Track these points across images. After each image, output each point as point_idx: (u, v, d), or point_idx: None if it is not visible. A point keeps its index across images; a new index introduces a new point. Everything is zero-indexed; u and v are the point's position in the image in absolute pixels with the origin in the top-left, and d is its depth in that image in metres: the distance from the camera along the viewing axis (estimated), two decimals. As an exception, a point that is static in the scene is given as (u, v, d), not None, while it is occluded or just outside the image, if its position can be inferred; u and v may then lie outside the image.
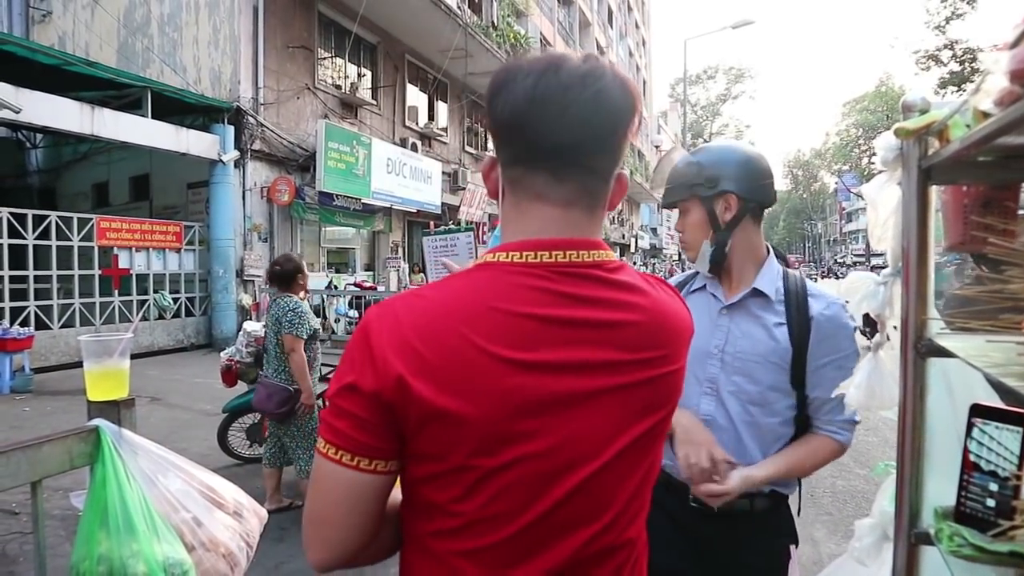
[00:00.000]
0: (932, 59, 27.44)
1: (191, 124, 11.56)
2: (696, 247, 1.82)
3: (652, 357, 0.96)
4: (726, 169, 1.76)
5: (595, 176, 0.95)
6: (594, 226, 0.97)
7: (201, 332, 12.40)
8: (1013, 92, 0.66)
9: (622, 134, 0.94)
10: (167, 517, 2.05)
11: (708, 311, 1.84)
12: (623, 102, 0.93)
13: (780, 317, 1.75)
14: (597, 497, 0.92)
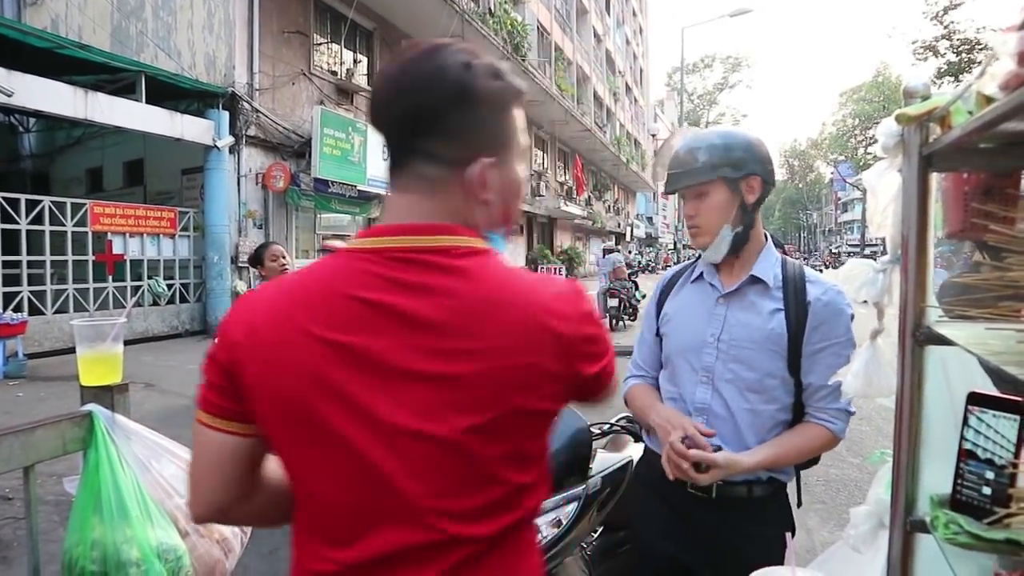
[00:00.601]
0: (929, 49, 27.41)
1: (185, 109, 11.48)
2: (712, 232, 1.77)
3: (463, 349, 0.89)
4: (751, 151, 1.75)
5: (433, 161, 0.95)
6: (440, 212, 0.96)
7: (195, 318, 12.37)
8: (1020, 75, 0.65)
9: (456, 118, 0.94)
10: (161, 503, 2.04)
11: (705, 300, 1.83)
12: (451, 81, 0.93)
13: (778, 303, 1.74)
14: (394, 489, 0.89)
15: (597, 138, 30.35)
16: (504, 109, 0.98)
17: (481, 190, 0.96)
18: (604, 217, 36.62)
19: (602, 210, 36.60)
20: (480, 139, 0.96)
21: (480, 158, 0.95)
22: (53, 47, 9.45)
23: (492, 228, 1.02)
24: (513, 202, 1.03)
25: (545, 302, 0.94)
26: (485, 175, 0.95)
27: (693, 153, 1.77)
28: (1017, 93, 0.67)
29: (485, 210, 0.98)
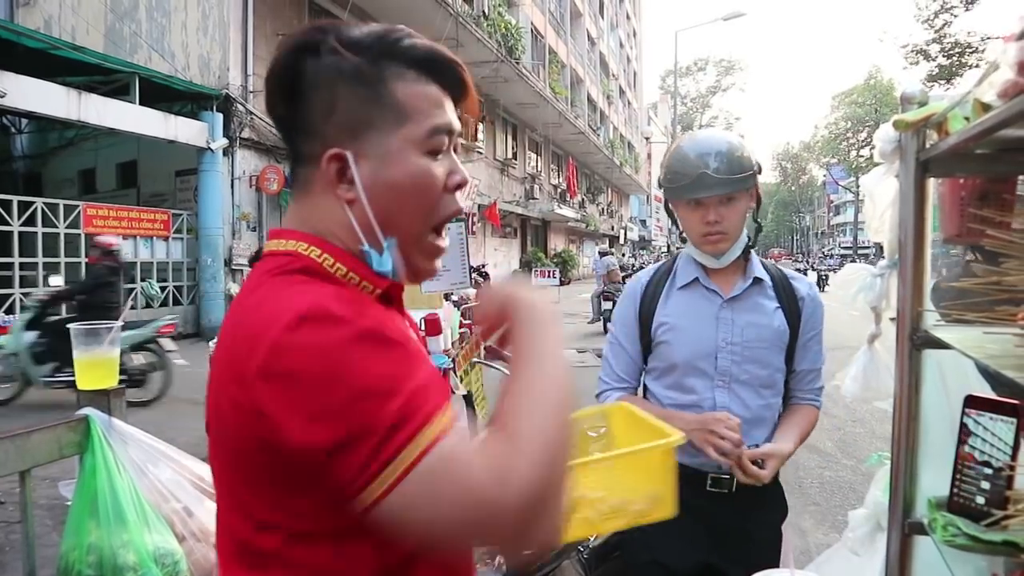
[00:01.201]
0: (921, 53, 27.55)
1: (179, 111, 11.47)
2: (735, 238, 1.81)
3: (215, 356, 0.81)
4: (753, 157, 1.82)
5: (297, 161, 0.86)
6: (301, 216, 0.86)
7: (189, 321, 12.32)
8: (1018, 84, 0.66)
9: (301, 107, 0.83)
10: (158, 507, 2.04)
11: (707, 306, 1.85)
12: (284, 68, 0.83)
13: (775, 301, 1.85)
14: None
15: (591, 141, 30.39)
16: (362, 87, 0.82)
17: (335, 187, 0.83)
18: (598, 220, 36.67)
19: (596, 213, 36.64)
20: (329, 127, 0.82)
21: (331, 149, 0.82)
22: (46, 48, 9.42)
23: (369, 238, 0.83)
24: (400, 204, 0.84)
25: (233, 318, 0.79)
26: (333, 169, 0.82)
27: (737, 158, 1.77)
28: (1016, 101, 0.68)
29: (355, 213, 0.83)
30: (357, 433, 0.67)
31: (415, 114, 0.83)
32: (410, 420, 0.68)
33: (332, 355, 0.69)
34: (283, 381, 0.69)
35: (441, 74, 0.86)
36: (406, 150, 0.83)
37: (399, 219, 0.84)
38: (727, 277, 1.86)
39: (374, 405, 0.68)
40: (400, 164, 0.82)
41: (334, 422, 0.67)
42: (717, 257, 1.83)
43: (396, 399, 0.68)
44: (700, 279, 1.87)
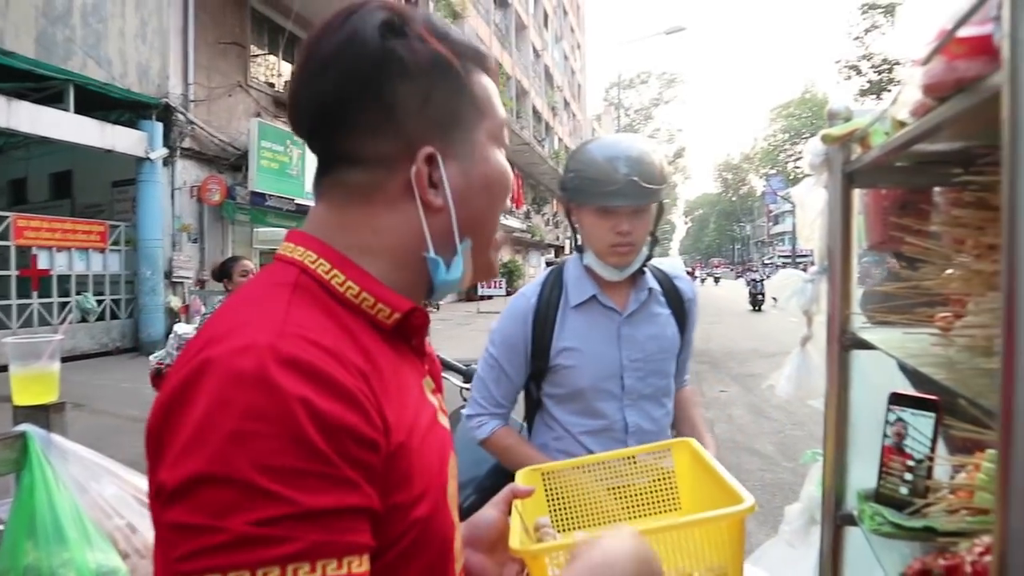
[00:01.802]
0: (852, 69, 28.69)
1: (117, 120, 11.13)
2: (640, 250, 1.74)
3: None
4: None
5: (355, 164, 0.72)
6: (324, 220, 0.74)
7: (127, 335, 11.97)
8: (926, 104, 0.72)
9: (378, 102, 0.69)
10: (100, 524, 1.99)
11: (607, 324, 1.78)
12: (367, 53, 0.69)
13: (666, 308, 1.82)
14: None
15: (536, 152, 30.65)
16: (452, 79, 0.72)
17: (425, 192, 0.71)
18: (543, 230, 36.92)
19: (541, 223, 36.91)
20: (415, 123, 0.71)
21: (421, 149, 0.71)
22: (-28, 54, 9.06)
23: (440, 247, 0.73)
24: (489, 203, 0.76)
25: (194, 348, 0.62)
26: (426, 171, 0.71)
27: (657, 166, 1.67)
28: (925, 119, 0.74)
29: (434, 221, 0.72)
30: (201, 524, 0.52)
31: (488, 107, 0.76)
32: (281, 544, 0.52)
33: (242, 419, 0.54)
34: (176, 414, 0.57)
35: (488, 65, 0.79)
36: (490, 144, 0.76)
37: (485, 219, 0.77)
38: (621, 291, 1.80)
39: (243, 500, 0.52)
40: (489, 160, 0.76)
41: (190, 500, 0.53)
42: (621, 270, 1.74)
43: (280, 507, 0.52)
44: (598, 296, 1.78)
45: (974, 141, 0.91)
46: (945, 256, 0.96)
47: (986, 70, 0.61)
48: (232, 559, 0.51)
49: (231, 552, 0.51)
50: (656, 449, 1.34)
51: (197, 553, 0.51)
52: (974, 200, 0.87)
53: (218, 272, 4.76)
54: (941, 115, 0.68)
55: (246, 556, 0.51)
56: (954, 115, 0.66)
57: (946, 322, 0.96)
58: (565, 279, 1.83)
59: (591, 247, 1.76)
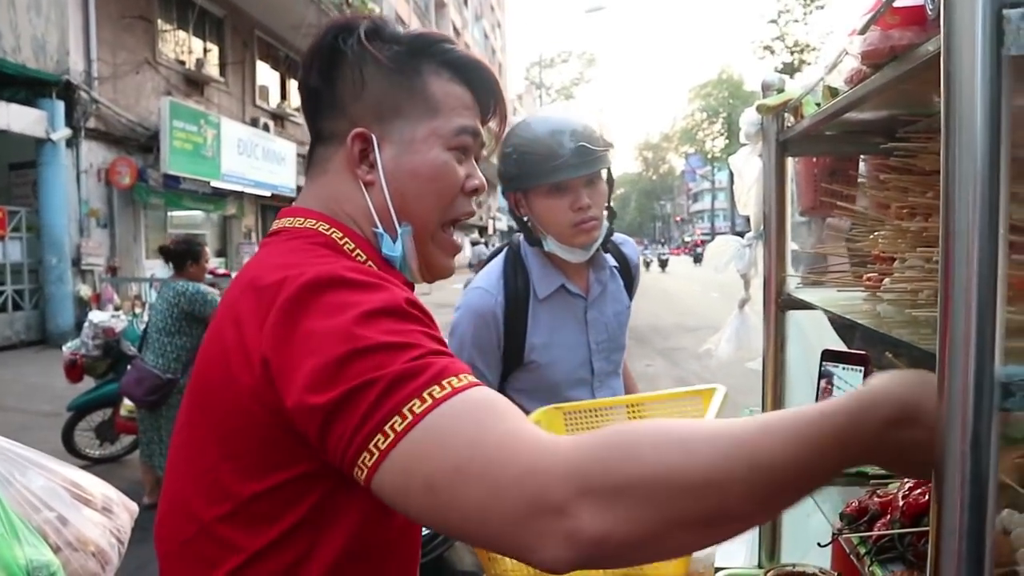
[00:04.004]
0: (767, 49, 29.63)
1: (11, 98, 10.39)
2: (602, 224, 1.66)
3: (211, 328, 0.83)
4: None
5: (320, 140, 0.91)
6: (319, 196, 0.89)
7: (32, 327, 11.31)
8: (861, 72, 0.77)
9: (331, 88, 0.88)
10: (27, 517, 1.90)
11: (573, 312, 1.72)
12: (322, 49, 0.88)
13: (619, 278, 1.79)
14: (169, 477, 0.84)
15: (459, 132, 30.50)
16: (388, 72, 0.86)
17: (355, 166, 0.86)
18: (468, 210, 36.84)
19: (466, 203, 36.81)
20: (357, 107, 0.86)
21: (356, 128, 0.86)
22: None
23: (384, 222, 0.86)
24: (418, 192, 0.86)
25: (249, 286, 0.76)
26: (356, 149, 0.86)
27: (599, 131, 1.60)
28: (859, 87, 0.79)
29: (372, 196, 0.86)
30: (357, 387, 0.62)
31: (445, 110, 0.87)
32: (426, 371, 0.64)
33: (347, 312, 0.67)
34: (292, 341, 0.67)
35: (475, 80, 0.91)
36: (431, 141, 0.86)
37: (414, 207, 0.87)
38: (582, 274, 1.73)
39: (383, 359, 0.64)
40: (424, 153, 0.86)
41: (337, 377, 0.63)
42: (587, 248, 1.65)
43: (408, 353, 0.65)
44: (565, 284, 1.70)
45: (898, 110, 0.97)
46: (872, 218, 1.03)
47: (918, 39, 0.66)
48: (406, 389, 0.62)
49: (404, 384, 0.62)
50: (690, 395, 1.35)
51: (381, 398, 0.62)
52: (899, 165, 0.93)
53: (180, 252, 4.45)
54: (876, 82, 0.73)
55: (414, 383, 0.62)
56: (888, 81, 0.71)
57: (874, 281, 1.03)
58: (529, 268, 1.70)
59: (551, 232, 1.64)
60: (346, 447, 0.62)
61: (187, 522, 0.77)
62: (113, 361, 5.07)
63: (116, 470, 5.13)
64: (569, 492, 0.55)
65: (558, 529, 0.55)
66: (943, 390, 0.56)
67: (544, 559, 0.56)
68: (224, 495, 0.74)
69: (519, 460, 0.57)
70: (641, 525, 0.55)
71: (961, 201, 0.52)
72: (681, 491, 0.55)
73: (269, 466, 0.72)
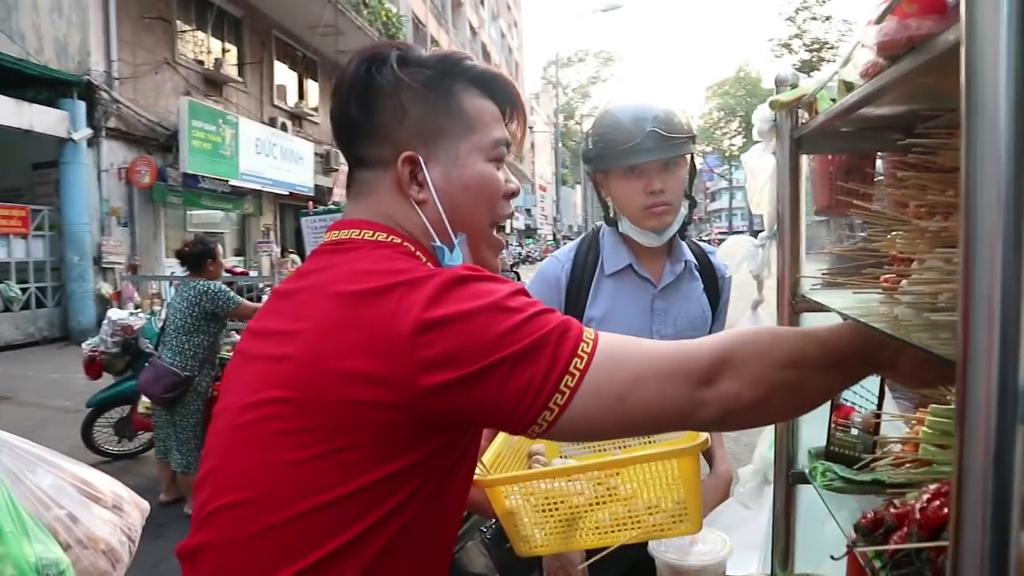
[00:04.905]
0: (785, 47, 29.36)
1: (34, 98, 10.53)
2: (678, 209, 1.67)
3: (288, 331, 0.86)
4: None
5: (365, 166, 0.95)
6: (361, 210, 0.94)
7: (55, 324, 11.46)
8: (877, 64, 0.73)
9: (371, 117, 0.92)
10: (38, 515, 1.92)
11: (640, 296, 1.71)
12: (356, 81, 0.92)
13: (700, 282, 1.76)
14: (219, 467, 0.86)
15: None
16: (425, 96, 0.92)
17: (407, 187, 0.92)
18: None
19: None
20: (401, 133, 0.92)
21: (404, 152, 0.91)
22: None
23: (441, 235, 0.93)
24: (469, 203, 0.94)
25: (362, 291, 0.81)
26: (407, 171, 0.91)
27: (681, 119, 1.63)
28: (875, 79, 0.76)
29: (426, 212, 0.92)
30: (533, 343, 0.76)
31: (481, 125, 0.94)
32: (572, 324, 0.80)
33: (491, 295, 0.78)
34: (449, 323, 0.76)
35: (497, 92, 0.98)
36: (474, 155, 0.94)
37: (468, 217, 0.94)
38: (656, 261, 1.73)
39: (540, 322, 0.78)
40: (471, 167, 0.93)
41: (509, 338, 0.75)
42: (659, 232, 1.66)
43: (555, 315, 0.80)
44: (633, 266, 1.71)
45: (917, 104, 0.93)
46: (890, 218, 0.99)
47: (937, 28, 0.62)
48: (570, 339, 0.78)
49: (567, 336, 0.78)
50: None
51: (558, 348, 0.77)
52: (917, 162, 0.89)
53: (197, 251, 4.49)
54: (893, 73, 0.70)
55: (573, 333, 0.79)
56: (905, 74, 0.68)
57: (891, 282, 0.99)
58: (602, 244, 1.76)
59: (625, 214, 1.69)
60: (537, 392, 0.75)
61: (264, 514, 0.79)
62: (131, 358, 5.10)
63: (134, 466, 5.17)
64: (714, 367, 0.77)
65: (710, 395, 0.77)
66: (963, 400, 0.53)
67: (703, 418, 0.78)
68: (323, 486, 0.78)
69: (676, 352, 0.80)
70: (758, 388, 0.78)
71: (983, 201, 0.48)
72: (780, 363, 0.79)
73: (382, 458, 0.79)
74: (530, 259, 37.77)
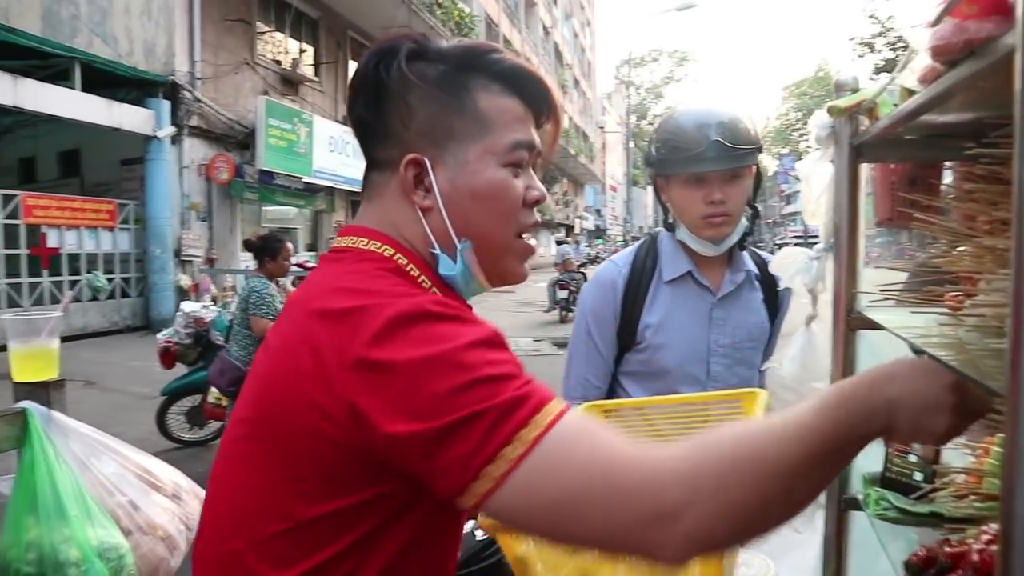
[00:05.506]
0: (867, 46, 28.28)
1: (124, 98, 11.07)
2: (738, 221, 1.63)
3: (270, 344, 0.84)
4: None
5: (375, 167, 0.90)
6: (376, 219, 0.89)
7: (137, 314, 12.01)
8: (935, 69, 0.68)
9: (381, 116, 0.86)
10: (102, 501, 1.99)
11: (698, 304, 1.68)
12: (367, 78, 0.86)
13: (760, 293, 1.72)
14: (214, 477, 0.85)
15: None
16: (435, 94, 0.84)
17: (411, 192, 0.85)
18: (553, 209, 36.80)
19: (551, 202, 36.78)
20: (409, 133, 0.85)
21: (409, 155, 0.84)
22: (-22, 31, 9.04)
23: (443, 243, 0.85)
24: (479, 212, 0.85)
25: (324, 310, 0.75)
26: (411, 175, 0.84)
27: (747, 128, 1.58)
28: (932, 86, 0.70)
29: (430, 220, 0.85)
30: (467, 417, 0.65)
31: (498, 126, 0.85)
32: (529, 399, 0.67)
33: (445, 342, 0.68)
34: (385, 370, 0.68)
35: (525, 90, 0.88)
36: (486, 160, 0.84)
37: (481, 227, 0.85)
38: (716, 269, 1.69)
39: (488, 391, 0.66)
40: (480, 173, 0.84)
41: (447, 405, 0.65)
42: (717, 243, 1.63)
43: (512, 383, 0.68)
44: (693, 273, 1.67)
45: (985, 111, 0.87)
46: (955, 233, 0.92)
47: (998, 31, 0.57)
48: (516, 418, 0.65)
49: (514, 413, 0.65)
50: (727, 398, 1.33)
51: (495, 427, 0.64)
52: (986, 174, 0.83)
53: (258, 248, 4.60)
54: (950, 80, 0.65)
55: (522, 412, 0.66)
56: (963, 80, 0.62)
57: (956, 301, 0.92)
58: (660, 253, 1.72)
59: (683, 221, 1.65)
60: (460, 472, 0.65)
61: (234, 534, 0.77)
62: (203, 350, 5.29)
63: (203, 454, 5.34)
64: (684, 495, 0.62)
65: (677, 530, 0.62)
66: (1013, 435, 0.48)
67: (667, 557, 0.63)
68: (283, 514, 0.74)
69: (634, 473, 0.64)
70: (734, 516, 0.62)
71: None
72: (759, 479, 0.63)
73: (334, 491, 0.73)
74: (598, 260, 37.57)
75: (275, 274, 4.59)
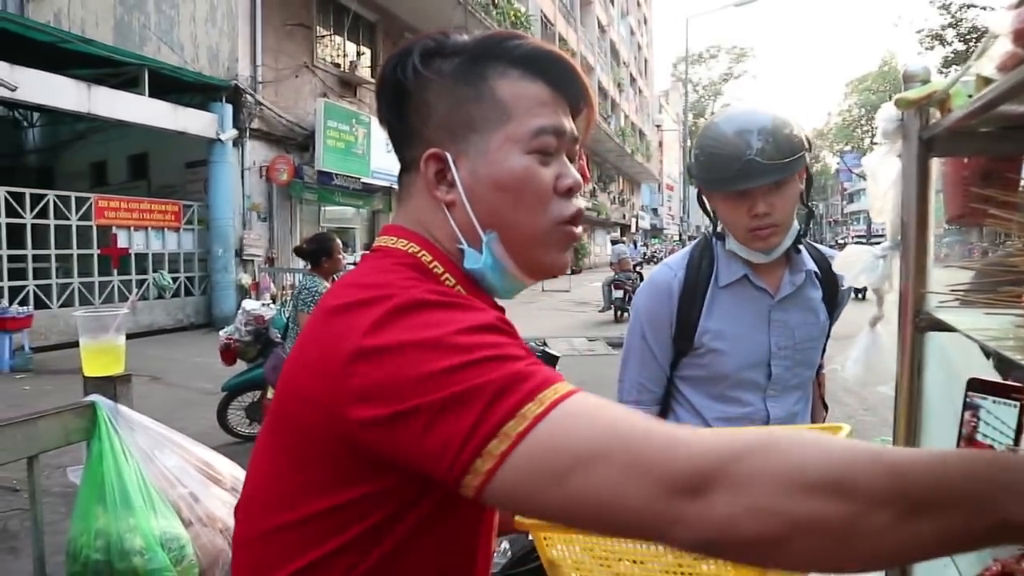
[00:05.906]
0: (936, 38, 27.24)
1: (189, 103, 11.48)
2: (787, 229, 1.57)
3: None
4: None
5: (404, 168, 0.89)
6: (399, 216, 0.89)
7: (200, 311, 12.40)
8: (1016, 55, 0.64)
9: (402, 116, 0.86)
10: (164, 493, 2.05)
11: (756, 307, 1.64)
12: (386, 79, 0.86)
13: (820, 291, 1.67)
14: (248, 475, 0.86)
15: (602, 129, 30.27)
16: (452, 87, 0.82)
17: (434, 188, 0.83)
18: (609, 208, 36.55)
19: (607, 201, 36.53)
20: (429, 130, 0.83)
21: (426, 152, 0.82)
22: (56, 41, 9.46)
23: (469, 237, 0.83)
24: (506, 203, 0.82)
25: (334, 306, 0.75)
26: (432, 171, 0.83)
27: (791, 133, 1.51)
28: (1013, 73, 0.66)
29: (455, 215, 0.83)
30: (464, 392, 0.62)
31: (519, 112, 0.81)
32: (533, 376, 0.63)
33: (440, 327, 0.66)
34: (381, 354, 0.66)
35: (548, 72, 0.83)
36: (507, 148, 0.80)
37: (511, 218, 0.82)
38: (774, 271, 1.64)
39: (486, 368, 0.63)
40: (501, 162, 0.80)
41: (441, 383, 0.62)
42: (767, 253, 1.58)
43: (515, 363, 0.64)
44: (749, 276, 1.63)
45: (1070, 101, 0.81)
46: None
47: (1088, 12, 0.53)
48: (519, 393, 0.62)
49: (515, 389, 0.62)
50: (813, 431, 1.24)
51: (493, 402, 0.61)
52: (1069, 166, 0.78)
53: (311, 249, 4.67)
54: (1033, 67, 0.61)
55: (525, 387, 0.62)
56: (1048, 66, 0.58)
57: (1033, 302, 0.87)
58: (716, 257, 1.67)
59: (731, 233, 1.61)
60: (458, 451, 0.61)
61: (255, 521, 0.79)
62: (263, 347, 5.40)
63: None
64: (701, 475, 0.55)
65: (691, 511, 0.55)
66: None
67: (680, 539, 0.57)
68: (291, 504, 0.75)
69: (653, 442, 0.58)
70: (767, 520, 0.52)
71: None
72: (811, 487, 0.51)
73: (337, 484, 0.72)
74: (655, 259, 37.20)
75: (331, 272, 4.67)
